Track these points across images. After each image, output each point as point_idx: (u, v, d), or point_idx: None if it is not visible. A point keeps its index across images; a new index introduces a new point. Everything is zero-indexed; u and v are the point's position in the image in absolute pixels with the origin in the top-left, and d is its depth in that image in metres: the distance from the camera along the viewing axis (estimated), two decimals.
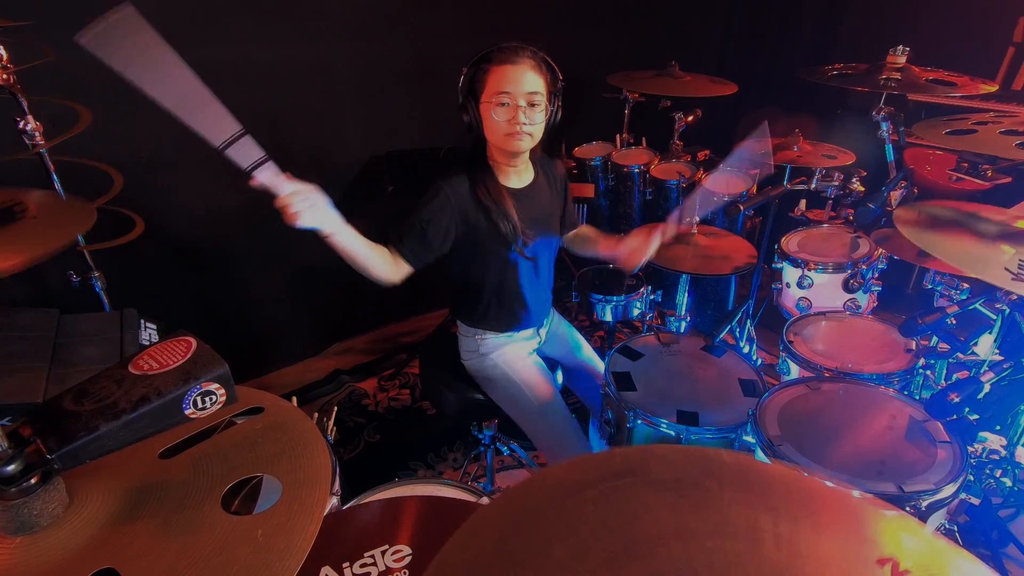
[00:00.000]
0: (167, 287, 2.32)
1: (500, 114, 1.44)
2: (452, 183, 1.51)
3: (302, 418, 0.76)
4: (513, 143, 1.46)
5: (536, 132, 1.47)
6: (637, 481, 0.46)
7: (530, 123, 1.44)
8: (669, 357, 1.74)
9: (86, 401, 0.59)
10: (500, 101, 1.43)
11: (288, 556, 0.57)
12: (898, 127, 2.08)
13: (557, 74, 1.49)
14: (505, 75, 1.41)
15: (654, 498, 0.45)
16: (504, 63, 1.41)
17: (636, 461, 0.48)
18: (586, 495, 0.45)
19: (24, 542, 0.58)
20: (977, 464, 1.68)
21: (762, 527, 0.42)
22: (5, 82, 1.42)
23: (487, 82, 1.43)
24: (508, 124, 1.44)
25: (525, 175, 1.63)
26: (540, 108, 1.45)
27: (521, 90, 1.41)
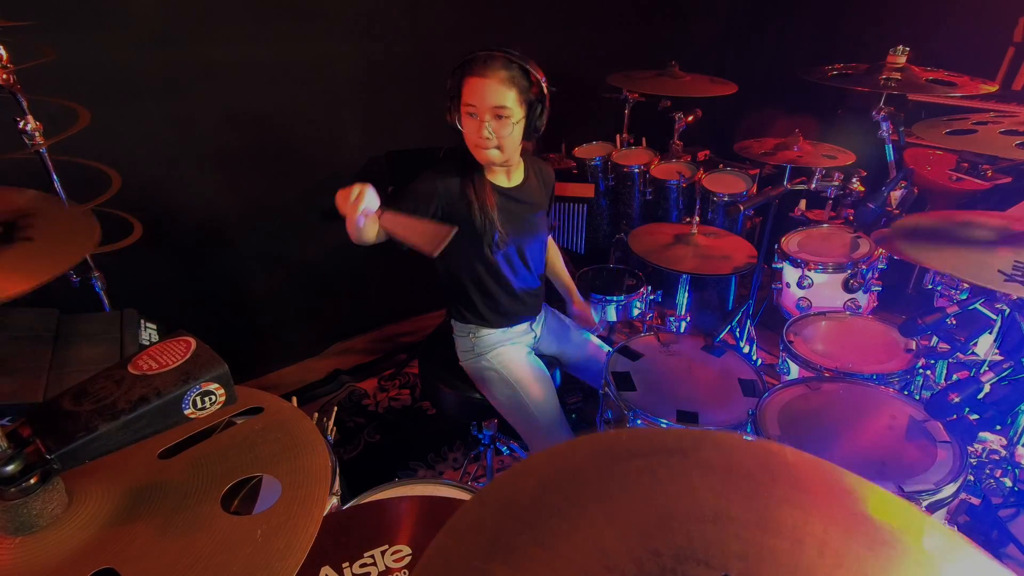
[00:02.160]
0: (167, 287, 2.31)
1: (468, 125, 1.49)
2: (443, 175, 1.56)
3: (302, 418, 0.76)
4: (479, 154, 1.51)
5: (507, 144, 1.50)
6: (687, 461, 0.46)
7: (495, 137, 1.47)
8: (669, 357, 1.74)
9: (85, 401, 0.59)
10: (468, 112, 1.47)
11: (288, 556, 0.57)
12: (898, 127, 2.08)
13: (536, 83, 1.48)
14: (473, 88, 1.44)
15: (700, 480, 0.44)
16: (474, 75, 1.43)
17: (689, 442, 0.48)
18: (632, 463, 0.45)
19: (23, 542, 0.58)
20: (977, 464, 1.68)
21: (809, 530, 0.41)
22: (5, 82, 1.41)
23: (462, 91, 1.46)
24: (475, 135, 1.48)
25: (515, 175, 1.66)
26: (510, 121, 1.46)
27: (486, 104, 1.44)
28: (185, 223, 2.31)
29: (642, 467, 0.45)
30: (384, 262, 2.93)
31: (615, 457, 0.47)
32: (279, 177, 2.47)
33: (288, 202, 2.53)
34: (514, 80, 1.44)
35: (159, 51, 2.04)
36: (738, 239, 2.15)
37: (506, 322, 1.73)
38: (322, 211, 2.66)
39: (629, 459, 0.46)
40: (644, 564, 0.38)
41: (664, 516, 0.42)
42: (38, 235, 1.00)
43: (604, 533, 0.41)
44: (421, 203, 1.53)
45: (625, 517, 0.42)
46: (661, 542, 0.40)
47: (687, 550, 0.39)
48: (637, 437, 0.49)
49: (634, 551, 0.39)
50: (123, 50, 1.97)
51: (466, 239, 1.59)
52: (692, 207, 2.43)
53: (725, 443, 0.48)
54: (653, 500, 0.43)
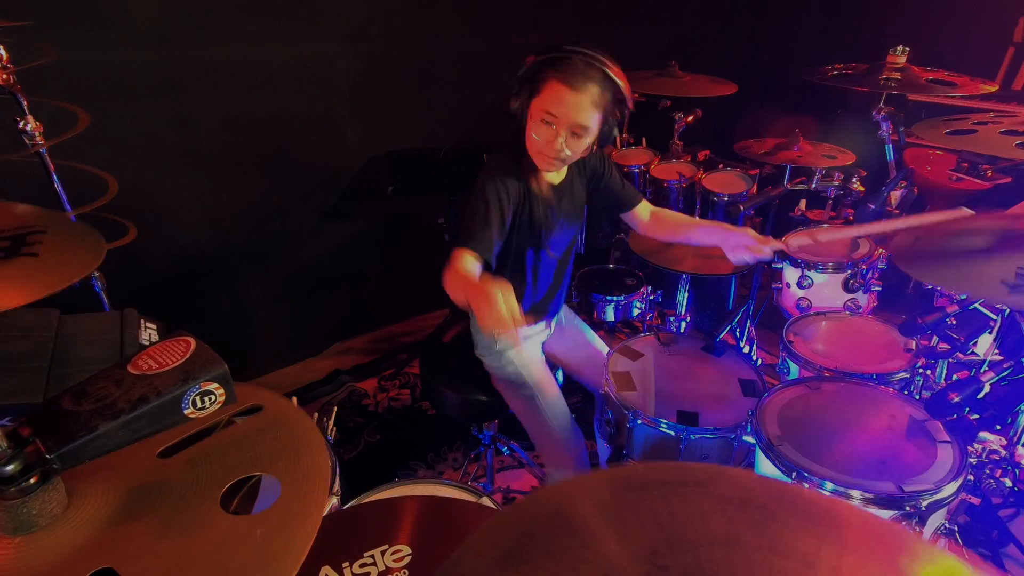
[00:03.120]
0: (167, 287, 2.32)
1: (540, 132, 1.35)
2: (502, 175, 1.41)
3: (302, 418, 0.76)
4: (543, 163, 1.41)
5: (571, 159, 1.41)
6: (702, 492, 0.47)
7: (568, 151, 1.36)
8: (669, 357, 1.74)
9: (85, 401, 0.59)
10: (544, 119, 1.33)
11: (287, 556, 0.57)
12: (898, 127, 2.08)
13: (624, 102, 1.36)
14: (559, 97, 1.30)
15: (714, 508, 0.45)
16: (565, 83, 1.29)
17: (706, 475, 0.49)
18: (646, 492, 0.46)
19: (23, 542, 0.58)
20: (977, 464, 1.68)
21: (822, 556, 0.41)
22: (5, 82, 1.42)
23: (542, 90, 1.32)
24: (545, 145, 1.36)
25: (561, 170, 1.56)
26: (585, 139, 1.36)
27: (570, 119, 1.32)
28: (185, 223, 2.31)
29: (656, 496, 0.47)
30: (384, 262, 2.93)
31: (630, 487, 0.48)
32: (279, 177, 2.47)
33: (288, 202, 2.53)
34: (604, 100, 1.33)
35: (159, 51, 2.04)
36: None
37: (536, 317, 1.69)
38: (321, 211, 2.67)
39: (643, 488, 0.47)
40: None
41: (674, 538, 0.42)
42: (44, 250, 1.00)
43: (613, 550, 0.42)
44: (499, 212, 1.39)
45: (635, 537, 0.43)
46: (670, 560, 0.41)
47: (695, 568, 0.40)
48: (653, 469, 0.50)
49: (642, 567, 0.40)
50: (123, 50, 1.97)
51: (523, 237, 1.51)
52: (692, 207, 2.43)
53: (741, 478, 0.49)
54: (664, 524, 0.44)
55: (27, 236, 1.02)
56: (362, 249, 2.83)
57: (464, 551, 0.44)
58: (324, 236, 2.68)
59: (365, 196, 2.70)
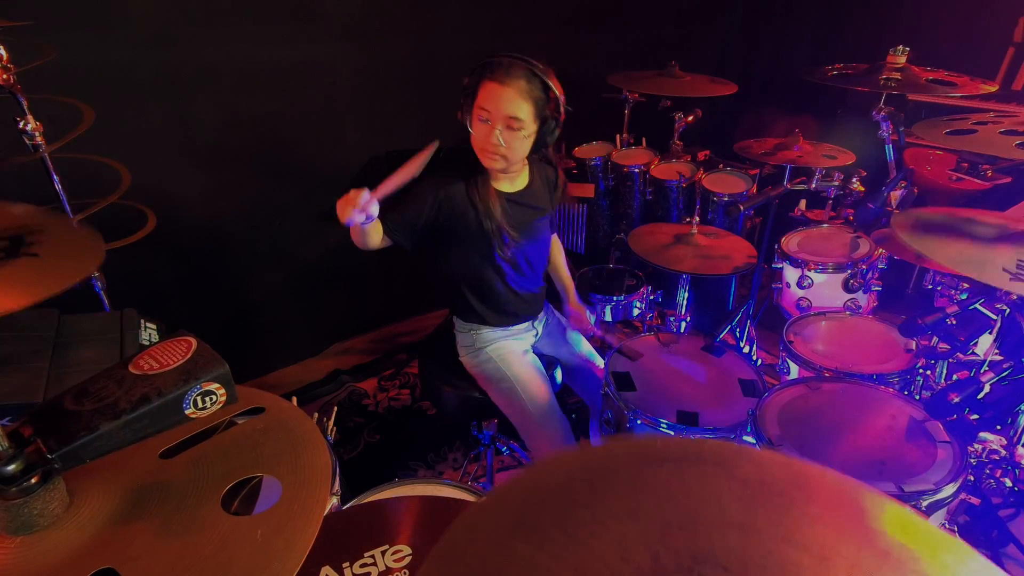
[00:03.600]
0: (167, 287, 2.32)
1: (478, 129, 1.47)
2: (444, 180, 1.54)
3: (302, 418, 0.76)
4: (486, 159, 1.50)
5: (513, 154, 1.49)
6: (720, 472, 0.45)
7: (504, 145, 1.46)
8: (669, 357, 1.74)
9: (86, 401, 0.59)
10: (480, 117, 1.45)
11: (288, 556, 0.57)
12: (898, 127, 2.08)
13: (555, 99, 1.47)
14: (490, 93, 1.42)
15: (730, 490, 0.44)
16: (493, 80, 1.41)
17: (726, 454, 0.47)
18: (663, 467, 0.46)
19: (24, 542, 0.58)
20: (977, 464, 1.68)
21: (839, 551, 0.40)
22: (5, 82, 1.41)
23: (478, 93, 1.45)
24: (483, 141, 1.47)
25: (518, 180, 1.65)
26: (521, 133, 1.46)
27: (501, 112, 1.42)
28: (185, 223, 2.31)
29: (673, 472, 0.45)
30: (384, 262, 2.93)
31: (648, 460, 0.47)
32: (279, 177, 2.47)
33: (288, 202, 2.53)
34: (532, 93, 1.43)
35: (159, 51, 2.04)
36: (738, 239, 2.15)
37: (508, 321, 1.73)
38: (321, 211, 2.67)
39: (661, 464, 0.46)
40: (660, 558, 0.39)
41: (688, 518, 0.42)
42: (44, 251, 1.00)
43: (625, 525, 0.41)
44: (423, 207, 1.52)
45: (648, 514, 0.42)
46: (681, 541, 0.40)
47: (707, 552, 0.39)
48: (672, 444, 0.49)
49: (652, 545, 0.40)
50: (123, 50, 1.97)
51: (470, 243, 1.59)
52: (692, 207, 2.43)
53: (763, 459, 0.48)
54: (679, 503, 0.43)
55: (26, 236, 1.02)
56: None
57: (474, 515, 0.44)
58: (324, 236, 2.67)
59: None
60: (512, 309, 1.72)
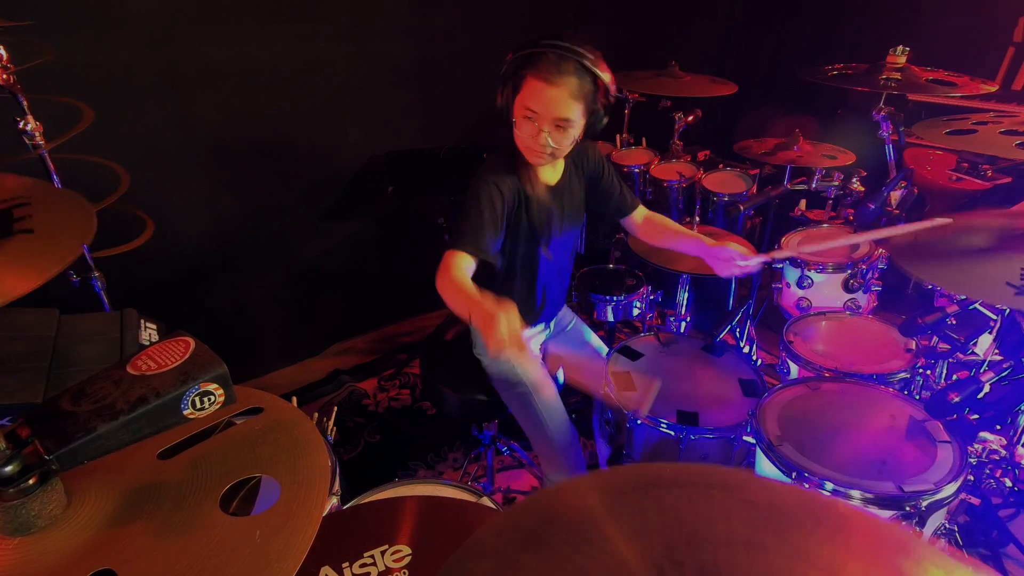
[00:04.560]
0: (167, 287, 2.32)
1: (524, 128, 1.36)
2: (497, 175, 1.42)
3: (302, 418, 0.76)
4: (532, 157, 1.41)
5: (560, 151, 1.40)
6: (728, 495, 0.46)
7: (553, 145, 1.36)
8: (669, 357, 1.74)
9: (84, 401, 0.59)
10: (526, 116, 1.34)
11: (287, 557, 0.57)
12: (898, 127, 2.08)
13: (606, 89, 1.36)
14: (537, 93, 1.30)
15: (739, 512, 0.44)
16: (542, 79, 1.29)
17: (735, 480, 0.48)
18: (671, 491, 0.46)
19: (22, 543, 0.58)
20: (977, 464, 1.68)
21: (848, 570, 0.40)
22: (5, 82, 1.41)
23: (522, 88, 1.33)
24: (530, 140, 1.36)
25: (557, 169, 1.56)
26: (571, 132, 1.36)
27: (550, 114, 1.32)
28: (185, 223, 2.31)
29: (680, 496, 0.46)
30: (384, 262, 2.94)
31: (656, 485, 0.48)
32: (279, 177, 2.47)
33: (288, 202, 2.53)
34: (583, 90, 1.32)
35: (159, 51, 2.04)
36: (738, 239, 2.14)
37: (532, 319, 1.68)
38: (321, 211, 2.67)
39: (669, 488, 0.47)
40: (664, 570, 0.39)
41: (695, 536, 0.42)
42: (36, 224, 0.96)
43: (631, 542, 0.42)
44: (496, 210, 1.40)
45: (653, 531, 0.43)
46: (686, 556, 0.40)
47: (711, 568, 0.39)
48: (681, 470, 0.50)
49: (656, 559, 0.40)
50: (123, 50, 1.97)
51: (520, 237, 1.51)
52: (692, 207, 2.43)
53: (773, 485, 0.48)
54: (686, 522, 0.44)
55: (13, 209, 0.98)
56: (362, 249, 2.82)
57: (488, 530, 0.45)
58: (324, 236, 2.67)
59: (365, 196, 2.70)
60: (540, 306, 1.67)
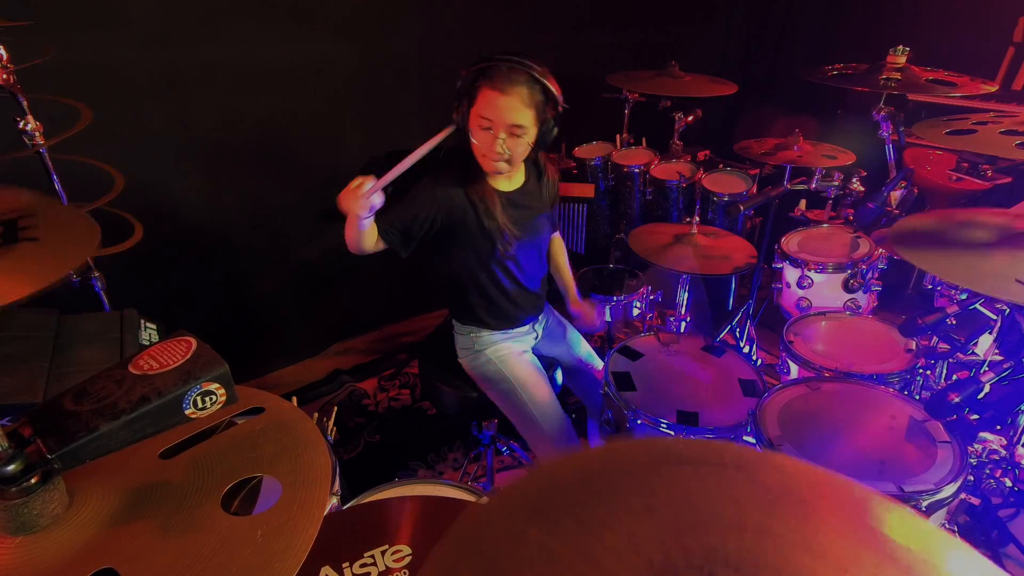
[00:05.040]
0: (167, 287, 2.32)
1: (480, 137, 1.45)
2: (443, 181, 1.53)
3: (302, 418, 0.76)
4: (488, 165, 1.49)
5: (516, 157, 1.48)
6: (741, 476, 0.45)
7: (508, 152, 1.45)
8: (669, 357, 1.74)
9: (86, 401, 0.59)
10: (482, 125, 1.43)
11: (288, 556, 0.57)
12: (898, 127, 2.08)
13: (553, 100, 1.45)
14: (491, 102, 1.40)
15: (750, 495, 0.43)
16: (495, 88, 1.39)
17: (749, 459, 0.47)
18: (683, 468, 0.45)
19: (24, 542, 0.58)
20: (977, 464, 1.68)
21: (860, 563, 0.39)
22: (5, 82, 1.41)
23: (477, 99, 1.42)
24: (486, 148, 1.45)
25: (516, 178, 1.65)
26: (524, 139, 1.45)
27: (504, 121, 1.41)
28: (185, 223, 2.31)
29: (692, 474, 0.45)
30: (384, 262, 2.93)
31: (668, 460, 0.47)
32: (279, 177, 2.47)
33: (288, 202, 2.53)
34: (534, 98, 1.42)
35: (159, 51, 2.04)
36: (738, 239, 2.15)
37: (508, 324, 1.73)
38: (321, 211, 2.67)
39: (680, 464, 0.46)
40: (672, 553, 0.39)
41: (704, 518, 0.41)
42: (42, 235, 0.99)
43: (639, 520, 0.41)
44: (420, 210, 1.51)
45: (663, 511, 0.42)
46: (694, 540, 0.40)
47: (719, 552, 0.39)
48: (694, 446, 0.49)
49: (665, 541, 0.40)
50: (123, 50, 1.97)
51: (470, 244, 1.59)
52: (692, 207, 2.43)
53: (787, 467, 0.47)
54: (696, 502, 0.43)
55: (19, 220, 1.01)
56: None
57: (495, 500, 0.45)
58: (324, 236, 2.67)
59: None
60: (513, 312, 1.71)
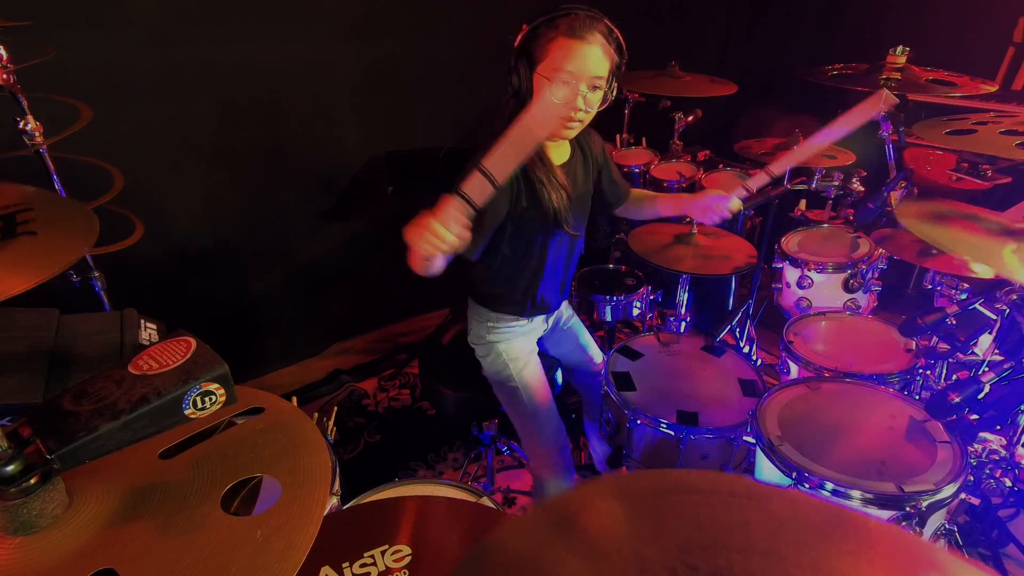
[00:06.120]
0: (167, 287, 2.32)
1: (557, 94, 1.22)
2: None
3: (302, 418, 0.76)
4: (564, 130, 1.37)
5: (589, 119, 1.37)
6: (749, 505, 0.45)
7: (588, 109, 1.33)
8: (669, 357, 1.74)
9: (85, 401, 0.59)
10: (561, 79, 1.28)
11: (287, 557, 0.57)
12: (898, 127, 2.08)
13: (624, 55, 1.35)
14: (572, 51, 1.26)
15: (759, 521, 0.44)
16: (573, 36, 1.26)
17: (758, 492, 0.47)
18: (692, 496, 0.46)
19: (23, 542, 0.58)
20: (977, 464, 1.68)
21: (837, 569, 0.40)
22: (5, 82, 1.41)
23: (549, 51, 1.28)
24: (564, 107, 1.28)
25: (563, 149, 1.51)
26: (600, 93, 1.33)
27: (587, 72, 1.28)
28: (185, 223, 2.31)
29: (699, 500, 0.46)
30: (384, 262, 2.93)
31: (678, 489, 0.48)
32: (279, 177, 2.47)
33: (288, 202, 2.53)
34: (609, 51, 1.31)
35: (159, 51, 2.04)
36: (738, 239, 2.14)
37: (536, 311, 1.63)
38: (321, 211, 2.67)
39: (690, 493, 0.47)
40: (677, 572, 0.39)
41: (711, 541, 0.42)
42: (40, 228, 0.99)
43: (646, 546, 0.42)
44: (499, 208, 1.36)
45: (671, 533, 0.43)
46: (701, 560, 0.40)
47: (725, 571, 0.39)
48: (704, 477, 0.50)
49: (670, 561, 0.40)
50: (123, 50, 1.97)
51: (534, 225, 1.45)
52: None
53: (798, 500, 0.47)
54: (703, 528, 0.43)
55: (16, 215, 1.01)
56: (362, 249, 2.82)
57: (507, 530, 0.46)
58: (324, 236, 2.67)
59: (365, 196, 2.70)
60: (548, 297, 1.61)
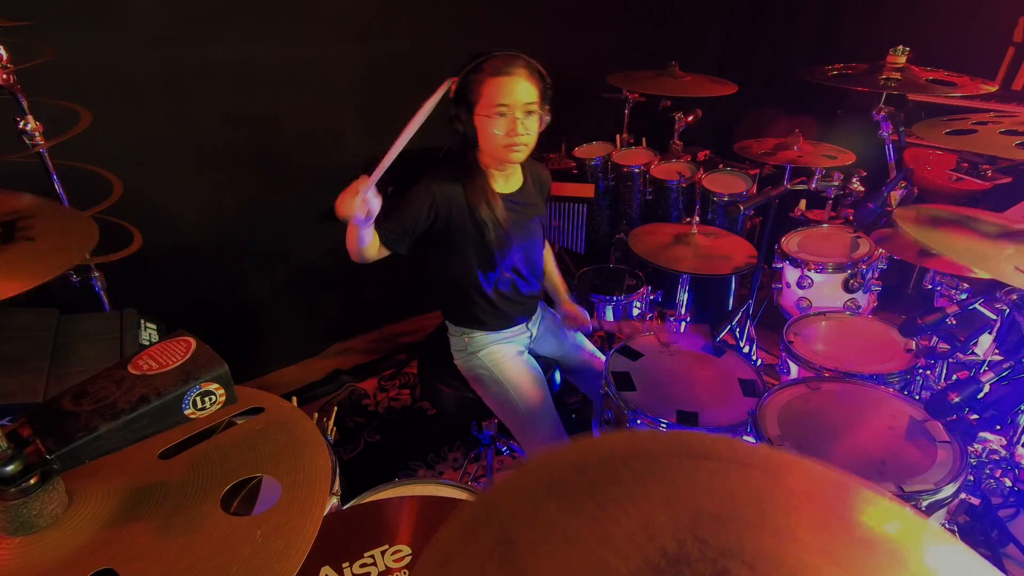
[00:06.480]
0: (167, 287, 2.31)
1: (499, 126, 1.46)
2: (442, 183, 1.54)
3: (302, 418, 0.76)
4: (511, 154, 1.50)
5: (532, 141, 1.51)
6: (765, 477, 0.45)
7: (527, 133, 1.47)
8: (669, 357, 1.74)
9: (85, 401, 0.59)
10: (498, 112, 1.44)
11: (287, 557, 0.57)
12: (898, 127, 2.08)
13: (547, 80, 1.50)
14: (502, 87, 1.43)
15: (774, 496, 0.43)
16: (499, 74, 1.43)
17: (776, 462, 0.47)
18: (705, 462, 0.45)
19: (23, 542, 0.58)
20: (977, 464, 1.68)
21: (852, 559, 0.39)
22: (5, 82, 1.41)
23: (482, 93, 1.45)
24: (507, 136, 1.46)
25: (513, 179, 1.65)
26: (535, 117, 1.48)
27: (519, 101, 1.44)
28: (185, 223, 2.31)
29: (714, 468, 0.45)
30: (384, 262, 2.93)
31: (692, 454, 0.47)
32: (279, 177, 2.47)
33: (288, 202, 2.53)
34: (534, 77, 1.46)
35: (159, 51, 2.04)
36: (738, 239, 2.14)
37: (503, 324, 1.73)
38: (322, 212, 2.67)
39: (704, 458, 0.46)
40: (686, 544, 0.39)
41: (723, 514, 0.41)
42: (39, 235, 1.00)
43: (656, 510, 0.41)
44: (421, 209, 1.52)
45: (682, 503, 0.42)
46: (710, 533, 0.40)
47: (735, 549, 0.39)
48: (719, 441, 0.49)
49: (680, 531, 0.40)
50: (123, 50, 1.97)
51: (470, 247, 1.59)
52: (692, 207, 2.43)
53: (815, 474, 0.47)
54: (717, 498, 0.43)
55: (17, 222, 1.02)
56: None
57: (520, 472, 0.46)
58: (324, 236, 2.67)
59: None
60: (509, 312, 1.71)
